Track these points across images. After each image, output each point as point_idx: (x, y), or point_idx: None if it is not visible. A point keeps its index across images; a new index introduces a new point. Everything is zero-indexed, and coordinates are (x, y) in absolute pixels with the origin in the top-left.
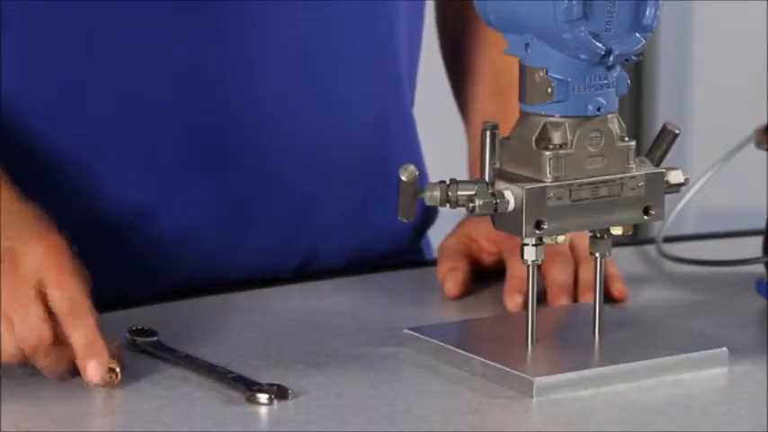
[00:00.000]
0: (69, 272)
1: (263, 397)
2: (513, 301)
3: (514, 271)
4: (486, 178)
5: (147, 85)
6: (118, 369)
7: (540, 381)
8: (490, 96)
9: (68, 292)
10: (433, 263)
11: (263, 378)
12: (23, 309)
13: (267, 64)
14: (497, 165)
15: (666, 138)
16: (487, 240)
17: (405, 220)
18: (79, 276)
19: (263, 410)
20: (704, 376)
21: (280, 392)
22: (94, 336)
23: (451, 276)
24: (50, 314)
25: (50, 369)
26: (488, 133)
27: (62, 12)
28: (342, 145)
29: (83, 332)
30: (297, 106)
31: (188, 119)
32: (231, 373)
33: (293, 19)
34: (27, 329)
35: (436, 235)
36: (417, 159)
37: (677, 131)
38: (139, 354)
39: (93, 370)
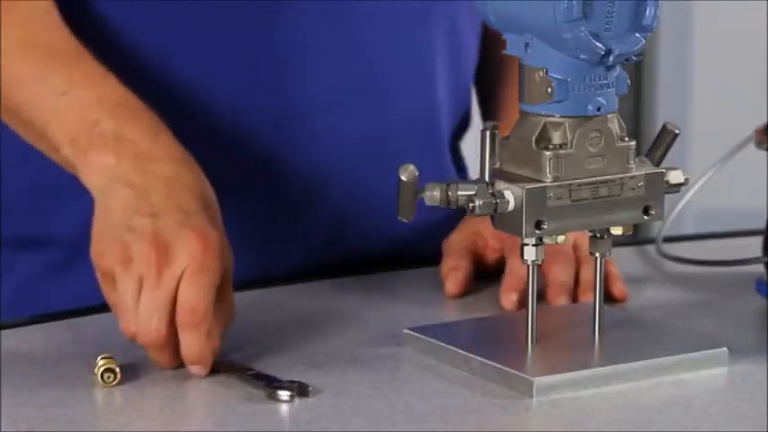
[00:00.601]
0: (208, 275)
1: (284, 394)
2: (508, 300)
3: (513, 268)
4: (486, 178)
5: (196, 75)
6: (117, 369)
7: (539, 381)
8: (515, 102)
9: (194, 300)
10: (434, 263)
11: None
12: (154, 305)
13: (316, 58)
14: (497, 165)
15: (666, 138)
16: (493, 237)
17: (405, 221)
18: (216, 277)
19: (263, 410)
20: (704, 376)
21: (300, 390)
22: (202, 345)
23: (453, 275)
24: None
25: (159, 363)
26: (488, 133)
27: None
28: (383, 140)
29: (194, 341)
30: (342, 101)
31: (239, 109)
32: (251, 369)
33: (341, 18)
34: (147, 324)
35: None
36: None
37: (677, 131)
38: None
39: (196, 372)
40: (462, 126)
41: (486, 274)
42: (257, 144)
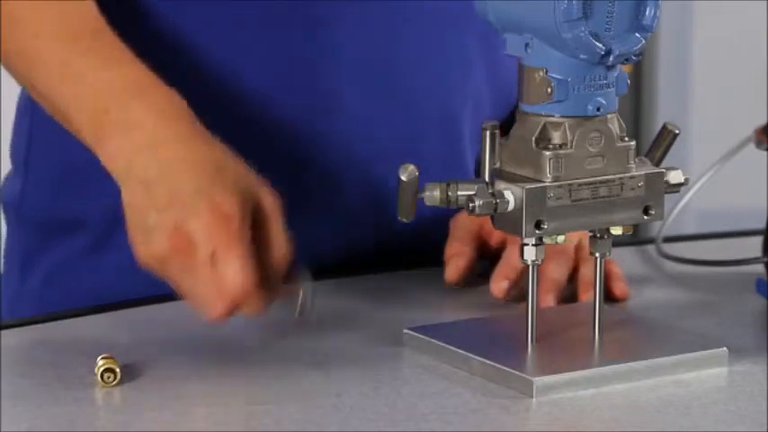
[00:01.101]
0: (236, 246)
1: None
2: (498, 287)
3: (509, 257)
4: (486, 178)
5: (233, 70)
6: (118, 369)
7: (539, 381)
8: None
9: (235, 281)
10: (434, 263)
11: (264, 378)
12: (207, 294)
13: (351, 57)
14: (497, 164)
15: (666, 138)
16: None
17: (405, 220)
18: (243, 241)
19: (263, 411)
20: (704, 376)
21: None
22: (264, 306)
23: (454, 261)
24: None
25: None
26: (488, 133)
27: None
28: (408, 141)
29: (255, 309)
30: (372, 100)
31: (270, 104)
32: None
33: (376, 19)
34: (212, 312)
35: None
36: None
37: (677, 131)
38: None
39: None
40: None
41: (484, 274)
42: (283, 139)
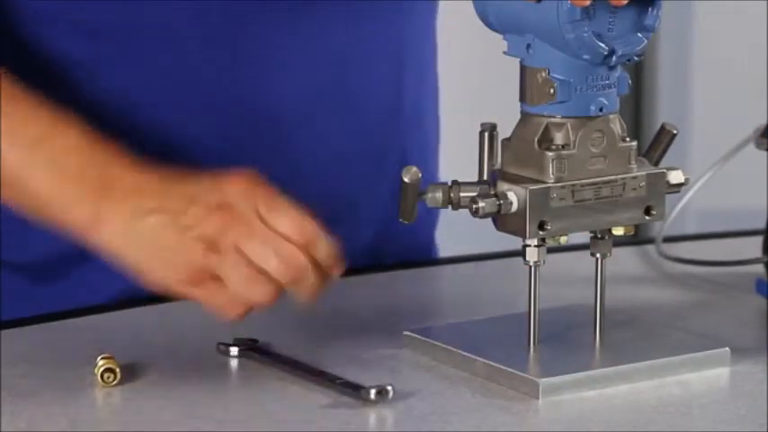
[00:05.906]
0: (273, 193)
1: (372, 392)
2: None
3: None
4: (485, 179)
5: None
6: (117, 369)
7: (545, 382)
8: None
9: (293, 224)
10: (436, 262)
11: (264, 378)
12: (269, 242)
13: (289, 65)
14: (497, 166)
15: (664, 138)
16: None
17: (406, 222)
18: (274, 191)
19: (263, 411)
20: (707, 376)
21: (382, 392)
22: (331, 244)
23: None
24: None
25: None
26: (486, 134)
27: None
28: (359, 142)
29: (324, 250)
30: (321, 105)
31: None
32: (339, 378)
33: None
34: (285, 261)
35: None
36: (430, 159)
37: (675, 131)
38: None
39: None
40: None
41: (486, 273)
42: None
